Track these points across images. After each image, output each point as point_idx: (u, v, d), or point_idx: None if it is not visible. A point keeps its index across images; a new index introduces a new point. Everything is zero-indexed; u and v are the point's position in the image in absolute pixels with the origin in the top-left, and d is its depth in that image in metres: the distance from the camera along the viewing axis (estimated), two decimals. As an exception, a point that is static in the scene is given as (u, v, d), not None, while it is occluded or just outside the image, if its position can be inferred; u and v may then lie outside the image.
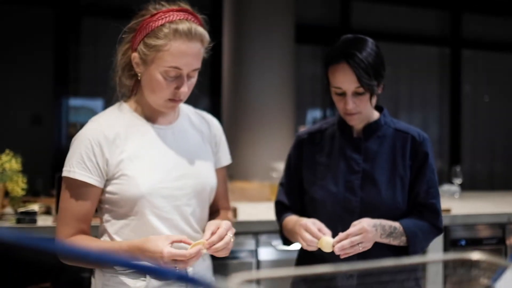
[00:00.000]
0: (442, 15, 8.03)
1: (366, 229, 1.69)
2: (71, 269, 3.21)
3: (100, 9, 6.52)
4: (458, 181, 4.21)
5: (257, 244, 2.90)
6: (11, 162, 2.69)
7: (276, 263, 2.92)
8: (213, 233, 1.59)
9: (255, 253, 2.89)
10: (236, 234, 2.83)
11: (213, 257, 1.82)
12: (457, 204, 3.80)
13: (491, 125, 8.28)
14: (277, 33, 5.11)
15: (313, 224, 1.75)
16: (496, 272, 0.72)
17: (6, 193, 2.81)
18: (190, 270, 1.67)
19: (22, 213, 2.62)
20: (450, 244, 3.32)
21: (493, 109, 8.31)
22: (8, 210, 2.91)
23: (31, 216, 2.62)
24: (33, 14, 6.26)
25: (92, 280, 1.73)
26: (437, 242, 3.30)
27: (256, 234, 2.90)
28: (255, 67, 5.05)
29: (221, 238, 1.59)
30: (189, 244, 1.56)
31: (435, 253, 3.07)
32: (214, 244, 1.57)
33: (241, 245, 2.87)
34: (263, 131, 5.01)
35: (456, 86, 8.08)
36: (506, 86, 8.36)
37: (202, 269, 1.75)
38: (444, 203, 3.54)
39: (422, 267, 3.02)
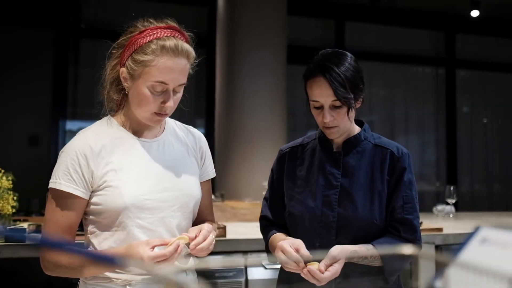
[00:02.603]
0: (436, 36, 8.08)
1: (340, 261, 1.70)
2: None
3: (99, 32, 6.59)
4: (452, 200, 4.20)
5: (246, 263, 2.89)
6: (2, 180, 2.70)
7: (265, 282, 2.89)
8: (196, 235, 1.64)
9: (244, 272, 2.87)
10: (225, 252, 2.83)
11: (201, 275, 1.83)
12: (450, 223, 3.79)
13: (488, 145, 8.27)
14: (269, 53, 5.15)
15: (291, 245, 1.73)
16: (438, 270, 0.72)
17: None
18: None
19: (11, 230, 2.63)
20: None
21: (490, 129, 8.32)
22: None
23: (20, 233, 2.62)
24: (33, 35, 6.34)
25: None
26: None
27: (245, 253, 2.89)
28: (247, 88, 5.08)
29: (205, 239, 1.63)
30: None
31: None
32: (199, 244, 1.62)
33: (230, 264, 2.85)
34: (255, 151, 5.01)
35: (452, 107, 8.10)
36: (502, 107, 8.39)
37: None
38: (438, 223, 3.55)
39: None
